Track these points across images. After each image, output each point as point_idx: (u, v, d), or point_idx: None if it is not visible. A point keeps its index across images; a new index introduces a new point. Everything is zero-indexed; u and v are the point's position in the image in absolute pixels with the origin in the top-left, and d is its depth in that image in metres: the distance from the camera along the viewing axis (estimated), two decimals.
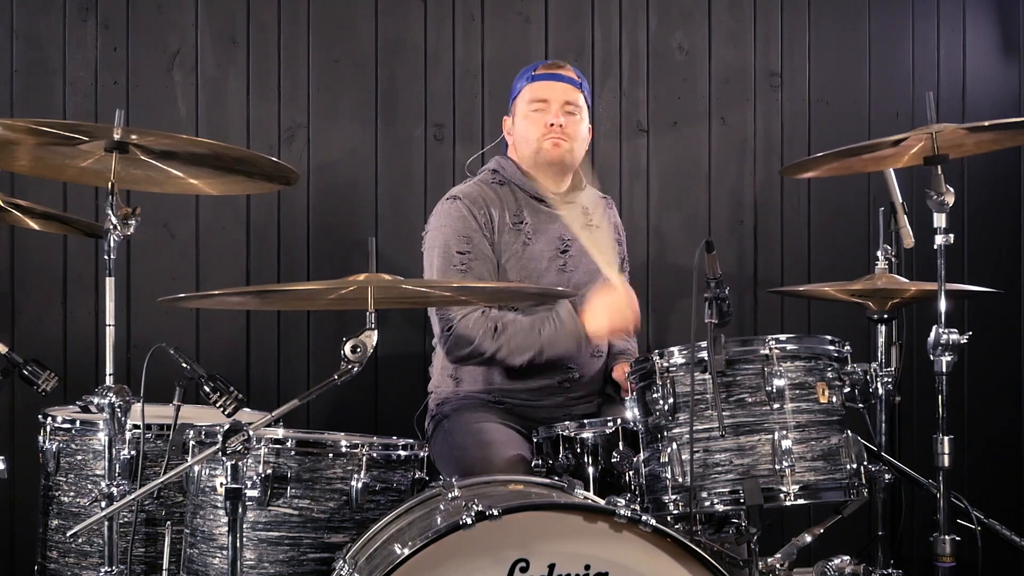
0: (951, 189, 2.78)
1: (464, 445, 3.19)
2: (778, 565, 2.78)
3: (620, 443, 2.87)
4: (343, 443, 2.67)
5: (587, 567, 2.36)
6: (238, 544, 2.35)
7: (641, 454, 2.79)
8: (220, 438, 2.32)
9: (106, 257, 2.55)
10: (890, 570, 3.18)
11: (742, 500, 2.61)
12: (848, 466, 2.68)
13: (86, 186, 3.62)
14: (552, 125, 3.36)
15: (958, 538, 2.80)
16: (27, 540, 3.31)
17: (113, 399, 2.52)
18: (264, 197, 3.94)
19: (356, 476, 2.64)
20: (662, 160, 4.24)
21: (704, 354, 2.65)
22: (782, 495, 2.62)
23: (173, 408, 2.71)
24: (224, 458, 2.33)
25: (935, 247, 2.79)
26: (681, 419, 2.68)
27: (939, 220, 2.79)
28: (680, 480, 2.64)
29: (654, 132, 4.25)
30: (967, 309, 4.35)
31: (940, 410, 2.79)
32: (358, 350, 2.36)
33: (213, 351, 3.90)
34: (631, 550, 2.38)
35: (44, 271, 3.84)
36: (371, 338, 2.38)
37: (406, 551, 2.26)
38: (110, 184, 2.55)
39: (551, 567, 2.35)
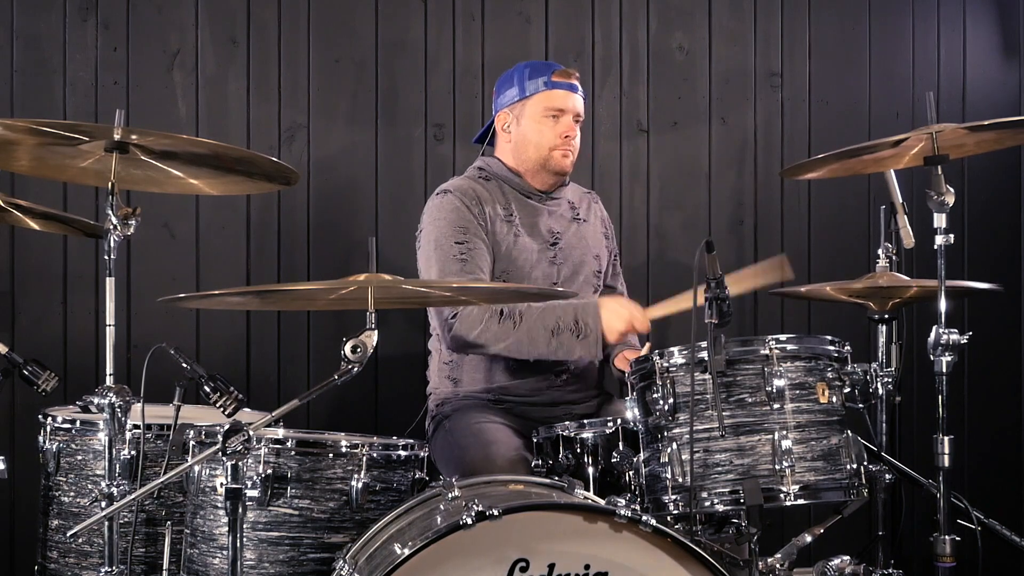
0: (951, 189, 2.78)
1: (465, 445, 3.18)
2: (778, 565, 2.78)
3: (620, 443, 2.87)
4: (343, 443, 2.67)
5: (587, 567, 2.36)
6: (238, 544, 2.35)
7: (641, 454, 2.79)
8: (220, 438, 2.32)
9: (106, 257, 2.55)
10: (890, 570, 3.18)
11: (742, 500, 2.61)
12: (848, 466, 2.67)
13: (86, 186, 3.62)
14: (567, 137, 3.39)
15: (958, 538, 2.79)
16: (27, 540, 3.31)
17: (113, 399, 2.52)
18: (264, 197, 3.94)
19: (356, 476, 2.64)
20: (662, 160, 4.24)
21: (704, 354, 2.65)
22: (782, 495, 2.62)
23: (173, 408, 2.71)
24: (224, 458, 2.33)
25: (935, 247, 2.79)
26: (681, 419, 2.68)
27: (939, 220, 2.79)
28: (680, 480, 2.64)
29: (654, 132, 4.25)
30: (967, 309, 4.35)
31: (940, 410, 2.79)
32: (358, 350, 2.36)
33: (213, 351, 3.90)
34: (631, 550, 2.38)
35: (44, 271, 3.84)
36: (371, 338, 2.38)
37: (406, 551, 2.26)
38: (110, 184, 2.55)
39: (551, 567, 2.35)
